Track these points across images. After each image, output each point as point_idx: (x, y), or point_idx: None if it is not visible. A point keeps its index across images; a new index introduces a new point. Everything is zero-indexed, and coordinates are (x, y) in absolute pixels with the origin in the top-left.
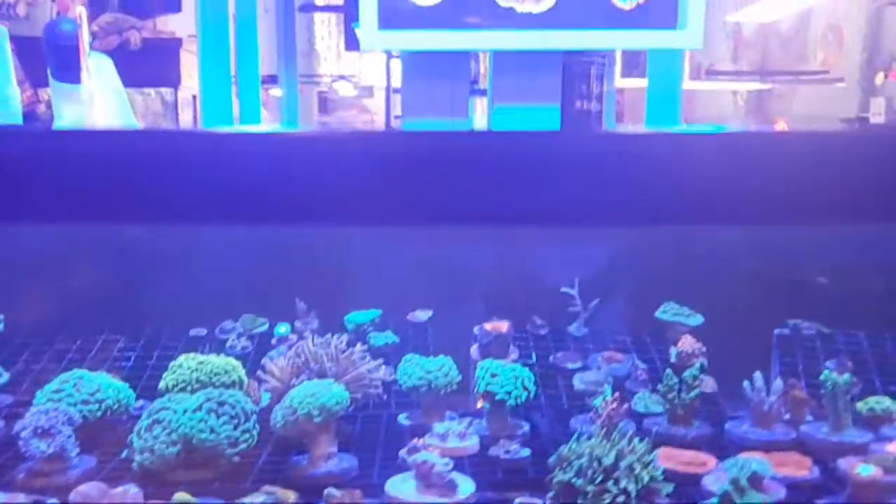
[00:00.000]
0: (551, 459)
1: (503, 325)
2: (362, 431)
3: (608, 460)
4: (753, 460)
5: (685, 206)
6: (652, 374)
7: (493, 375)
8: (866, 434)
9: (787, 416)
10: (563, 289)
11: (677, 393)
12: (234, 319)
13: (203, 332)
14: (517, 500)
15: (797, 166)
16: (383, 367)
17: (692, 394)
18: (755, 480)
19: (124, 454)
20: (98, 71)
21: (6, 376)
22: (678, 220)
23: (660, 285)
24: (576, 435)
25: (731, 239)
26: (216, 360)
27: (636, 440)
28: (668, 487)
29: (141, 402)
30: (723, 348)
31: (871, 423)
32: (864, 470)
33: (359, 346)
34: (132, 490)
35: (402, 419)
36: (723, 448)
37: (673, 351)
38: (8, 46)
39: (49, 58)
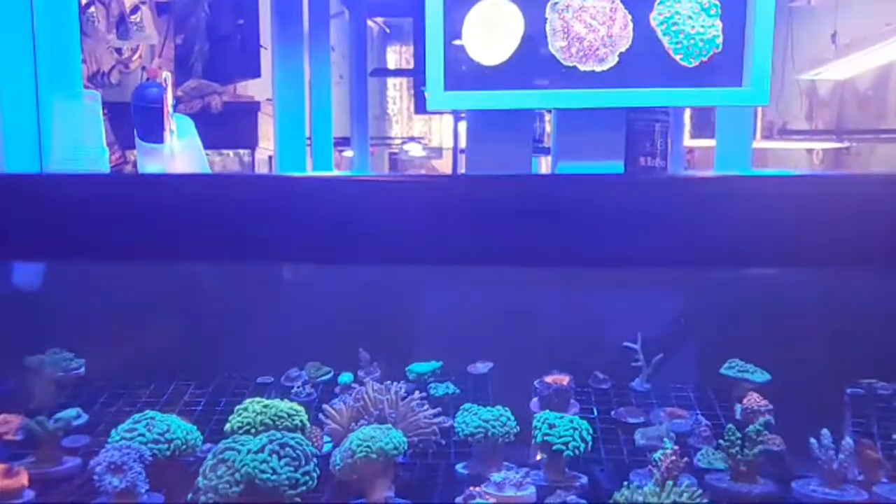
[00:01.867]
0: None
1: (564, 379)
2: (419, 479)
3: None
4: None
5: (752, 249)
6: (716, 431)
7: (551, 426)
8: None
9: (860, 477)
10: (626, 343)
11: (740, 448)
12: (299, 367)
13: (270, 379)
14: None
15: (872, 210)
16: (442, 415)
17: (756, 449)
18: None
19: (189, 497)
20: (180, 131)
21: (85, 417)
22: (744, 262)
23: (725, 340)
24: (630, 484)
25: (802, 291)
26: (280, 405)
27: (692, 490)
28: None
29: (208, 445)
30: (790, 406)
31: None
32: None
33: (417, 394)
34: None
35: (460, 468)
36: None
37: (738, 408)
38: (100, 111)
39: (136, 119)
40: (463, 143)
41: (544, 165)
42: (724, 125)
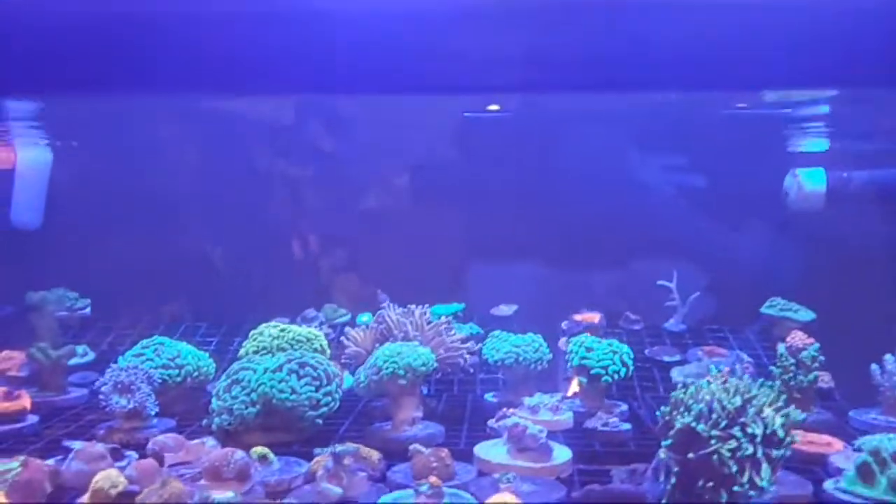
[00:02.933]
0: (664, 408)
1: (594, 317)
2: (447, 408)
3: (733, 404)
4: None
5: None
6: (759, 371)
7: (589, 350)
8: None
9: None
10: (661, 282)
11: (794, 375)
12: (316, 309)
13: (286, 320)
14: (614, 470)
15: None
16: (470, 340)
17: (811, 376)
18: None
19: (205, 422)
20: None
21: (92, 355)
22: None
23: (765, 278)
24: (687, 383)
25: (845, 226)
26: (298, 328)
27: (763, 386)
28: (795, 437)
29: (211, 379)
30: (837, 346)
31: None
32: None
33: (444, 318)
34: (209, 442)
35: (489, 397)
36: (847, 434)
37: (781, 347)
38: None
39: None
40: None
41: None
42: None
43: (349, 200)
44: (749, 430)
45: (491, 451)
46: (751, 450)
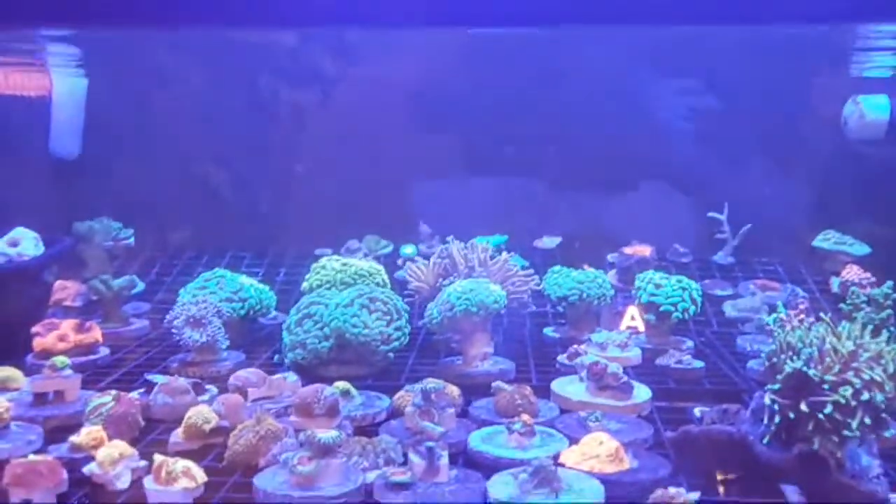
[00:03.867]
0: (767, 349)
1: (645, 249)
2: (508, 341)
3: (846, 348)
4: None
5: None
6: (813, 305)
7: (658, 286)
8: None
9: None
10: (711, 213)
11: (866, 313)
12: (358, 240)
13: (328, 251)
14: (701, 410)
15: None
16: (535, 275)
17: (884, 313)
18: None
19: (275, 357)
20: None
21: (142, 285)
22: None
23: (815, 211)
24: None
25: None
26: (360, 262)
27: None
28: None
29: (275, 313)
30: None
31: None
32: None
33: (505, 254)
34: (291, 377)
35: (549, 332)
36: None
37: (835, 281)
38: None
39: None
40: None
41: None
42: None
43: (363, 126)
44: (864, 376)
45: (569, 388)
46: (866, 395)
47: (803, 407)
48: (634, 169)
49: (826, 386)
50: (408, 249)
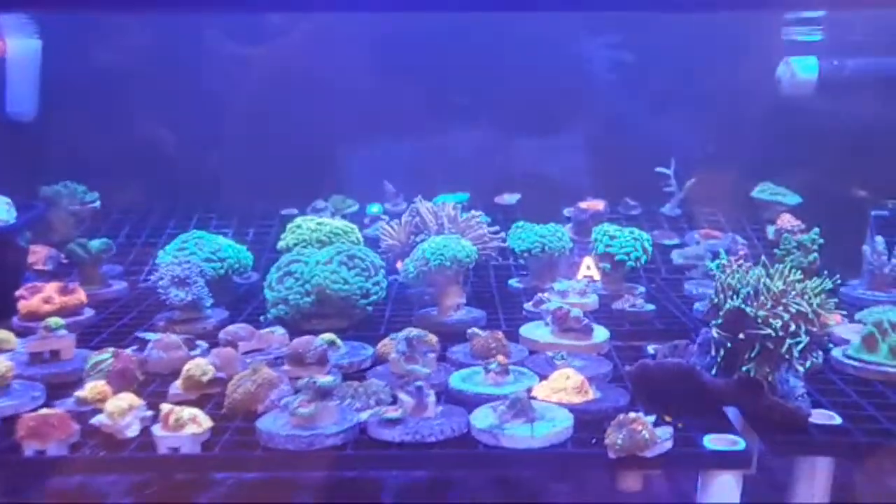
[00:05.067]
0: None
1: (598, 204)
2: (476, 292)
3: (777, 287)
4: (891, 309)
5: None
6: (751, 251)
7: (612, 237)
8: None
9: None
10: (659, 168)
11: (796, 256)
12: (324, 199)
13: (295, 211)
14: (655, 346)
15: None
16: (501, 231)
17: (811, 257)
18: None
19: (261, 317)
20: None
21: (113, 247)
22: None
23: (756, 164)
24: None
25: (830, 115)
26: (334, 221)
27: (796, 272)
28: (832, 321)
29: (250, 272)
30: (820, 227)
31: None
32: None
33: (474, 211)
34: (279, 331)
35: (514, 283)
36: (841, 309)
37: (770, 228)
38: None
39: None
40: None
41: None
42: None
43: (324, 86)
44: (792, 310)
45: (536, 332)
46: (793, 327)
47: (741, 338)
48: (587, 128)
49: (759, 320)
50: (374, 208)
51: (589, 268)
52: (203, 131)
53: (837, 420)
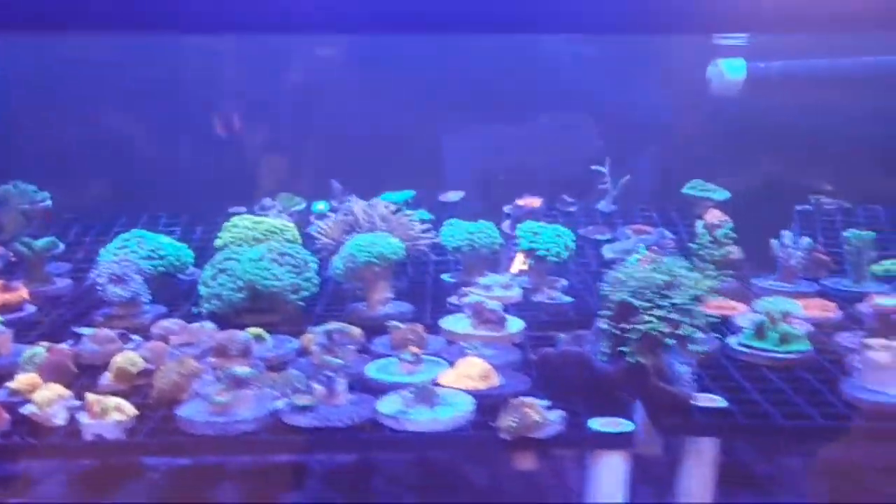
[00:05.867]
0: (603, 284)
1: (535, 201)
2: (410, 287)
3: (661, 280)
4: (785, 301)
5: None
6: (679, 245)
7: (535, 234)
8: (883, 286)
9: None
10: (594, 167)
11: (708, 250)
12: (272, 198)
13: (243, 209)
14: (561, 335)
15: None
16: (432, 230)
17: (722, 250)
18: (786, 316)
19: (193, 310)
20: None
21: (62, 246)
22: None
23: (689, 162)
24: (625, 263)
25: (760, 114)
26: (270, 220)
27: (684, 268)
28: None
29: (192, 269)
30: (747, 222)
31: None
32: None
33: (405, 209)
34: (208, 325)
35: (446, 278)
36: (749, 299)
37: (699, 224)
38: None
39: None
40: None
41: None
42: None
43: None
44: (673, 302)
45: (456, 324)
46: (675, 317)
47: (627, 328)
48: (530, 130)
49: (643, 311)
50: (320, 206)
51: (524, 262)
52: (155, 131)
53: (721, 403)
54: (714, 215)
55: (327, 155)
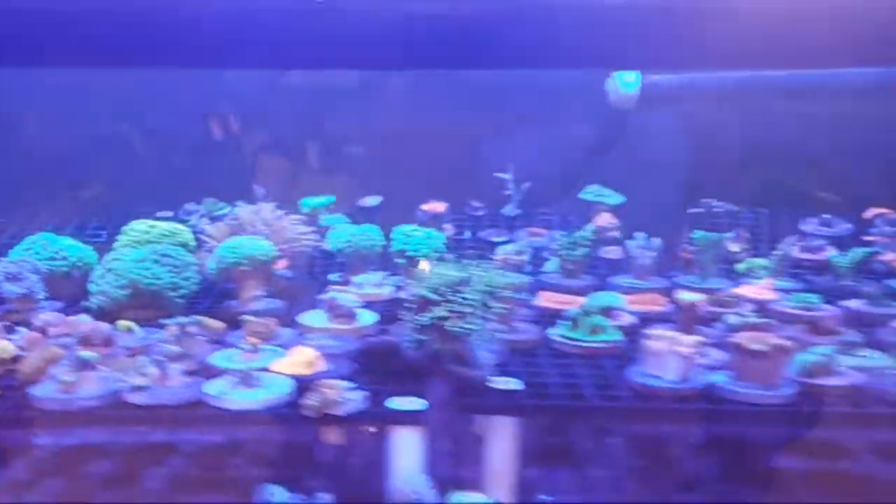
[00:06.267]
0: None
1: (440, 206)
2: (296, 285)
3: (455, 278)
4: (609, 295)
5: None
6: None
7: (408, 237)
8: (727, 283)
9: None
10: (497, 174)
11: (569, 251)
12: (197, 202)
13: (170, 214)
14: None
15: None
16: (312, 233)
17: (579, 251)
18: (605, 309)
19: (84, 303)
20: None
21: None
22: None
23: (586, 168)
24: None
25: (659, 122)
26: (164, 224)
27: (484, 268)
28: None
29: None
30: (641, 224)
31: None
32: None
33: (291, 215)
34: (83, 318)
35: (333, 277)
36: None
37: (590, 226)
38: None
39: None
40: None
41: None
42: None
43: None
44: (464, 297)
45: (313, 318)
46: (465, 309)
47: (425, 319)
48: (441, 141)
49: (438, 304)
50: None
51: (425, 265)
52: (87, 136)
53: (515, 385)
54: (604, 219)
55: (254, 162)
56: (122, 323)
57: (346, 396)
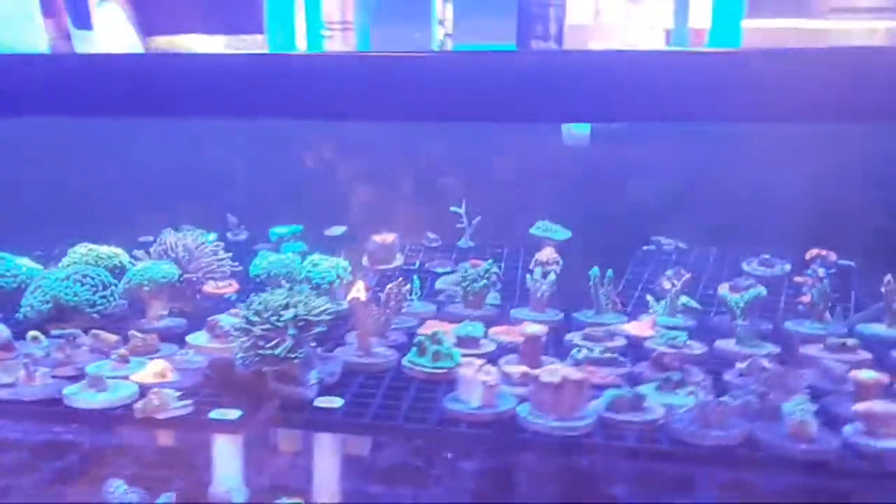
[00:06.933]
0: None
1: (390, 237)
2: (207, 307)
3: (277, 302)
4: (474, 325)
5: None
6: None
7: (315, 265)
8: (620, 318)
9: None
10: (452, 208)
11: (471, 283)
12: (175, 229)
13: (150, 238)
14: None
15: None
16: (229, 261)
17: (480, 283)
18: (436, 337)
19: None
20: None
21: None
22: None
23: (540, 203)
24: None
25: (611, 159)
26: (102, 248)
27: (313, 295)
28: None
29: None
30: (583, 260)
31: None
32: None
33: (215, 242)
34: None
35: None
36: (495, 324)
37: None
38: None
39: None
40: None
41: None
42: None
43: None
44: (279, 318)
45: (197, 337)
46: (277, 330)
47: (246, 340)
48: (403, 174)
49: (255, 327)
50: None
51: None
52: (68, 161)
53: (338, 404)
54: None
55: (227, 190)
56: (32, 333)
57: (173, 404)
